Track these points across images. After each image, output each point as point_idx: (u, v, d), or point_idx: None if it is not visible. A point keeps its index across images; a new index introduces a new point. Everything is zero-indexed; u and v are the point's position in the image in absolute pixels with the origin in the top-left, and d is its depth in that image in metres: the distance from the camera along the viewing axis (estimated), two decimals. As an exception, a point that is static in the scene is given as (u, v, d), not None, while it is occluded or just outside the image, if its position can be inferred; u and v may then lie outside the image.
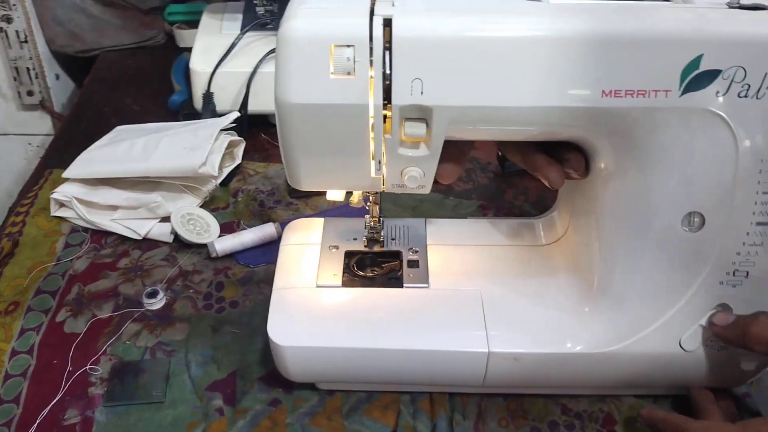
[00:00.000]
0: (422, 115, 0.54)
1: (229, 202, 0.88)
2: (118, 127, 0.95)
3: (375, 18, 0.52)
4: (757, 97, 0.52)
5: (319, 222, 0.71)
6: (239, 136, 0.92)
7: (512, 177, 0.91)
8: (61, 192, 0.83)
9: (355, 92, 0.52)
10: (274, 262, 0.67)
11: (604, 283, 0.59)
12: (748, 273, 0.56)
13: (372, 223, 0.67)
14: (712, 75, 0.51)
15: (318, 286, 0.64)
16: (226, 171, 0.90)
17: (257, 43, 1.00)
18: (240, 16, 1.08)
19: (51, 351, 0.68)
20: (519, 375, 0.60)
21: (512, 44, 0.51)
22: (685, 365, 0.59)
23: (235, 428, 0.62)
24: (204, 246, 0.79)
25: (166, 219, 0.81)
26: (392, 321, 0.61)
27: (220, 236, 0.81)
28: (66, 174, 0.85)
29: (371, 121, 0.53)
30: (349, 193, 0.64)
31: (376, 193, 0.64)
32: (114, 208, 0.82)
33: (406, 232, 0.70)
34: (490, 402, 0.64)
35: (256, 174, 0.92)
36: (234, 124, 0.92)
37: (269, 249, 0.79)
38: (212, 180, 0.86)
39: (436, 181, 0.58)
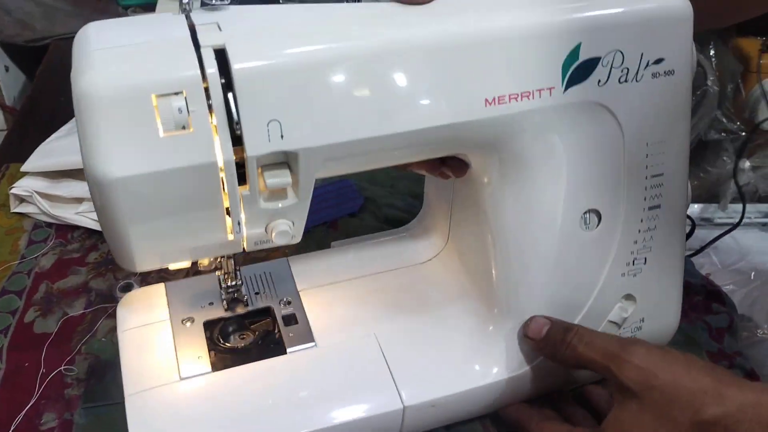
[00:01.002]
0: (284, 159, 0.44)
1: None
2: None
3: (203, 50, 0.40)
4: (636, 80, 0.48)
5: (159, 290, 0.58)
6: None
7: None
8: (21, 186, 0.78)
9: (197, 149, 0.40)
10: None
11: (505, 302, 0.54)
12: (646, 259, 0.54)
13: (229, 281, 0.56)
14: (591, 64, 0.47)
15: (183, 378, 0.51)
16: None
17: None
18: (197, 1, 0.97)
19: (21, 354, 0.63)
20: (438, 416, 0.54)
21: (376, 60, 0.43)
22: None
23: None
24: None
25: None
26: (287, 402, 0.50)
27: None
28: (24, 168, 0.80)
29: (222, 178, 0.42)
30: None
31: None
32: (79, 200, 0.77)
33: (269, 281, 0.59)
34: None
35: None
36: None
37: None
38: None
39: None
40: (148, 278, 0.69)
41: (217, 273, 0.56)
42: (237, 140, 0.41)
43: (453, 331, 0.55)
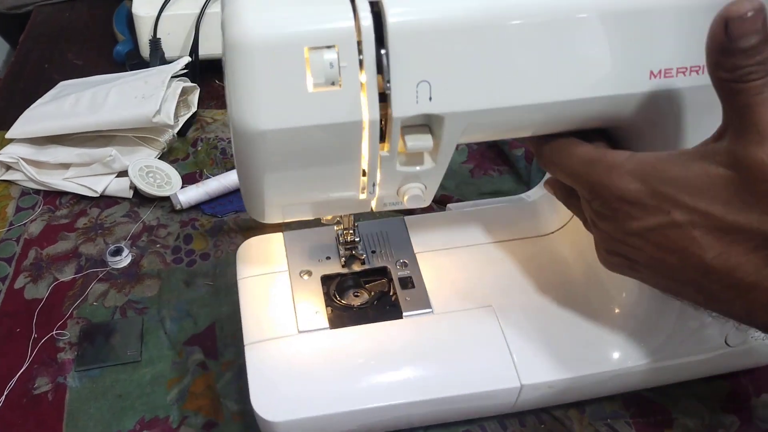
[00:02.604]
0: (426, 122, 0.42)
1: (189, 152, 0.83)
2: (62, 82, 0.90)
3: (358, 3, 0.38)
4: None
5: (278, 240, 0.58)
6: (192, 82, 0.86)
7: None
8: (6, 153, 0.78)
9: (344, 107, 0.39)
10: (243, 209, 0.63)
11: (630, 305, 0.51)
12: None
13: (348, 237, 0.55)
14: None
15: (301, 332, 0.51)
16: (182, 120, 0.84)
17: None
18: None
19: (12, 320, 0.64)
20: (553, 397, 0.52)
21: (537, 28, 0.39)
22: (728, 359, 0.53)
23: (223, 381, 0.58)
24: (167, 199, 0.75)
25: (123, 174, 0.76)
26: (403, 367, 0.50)
27: (182, 187, 0.76)
28: (9, 134, 0.79)
29: (365, 137, 0.41)
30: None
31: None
32: (66, 166, 0.77)
33: (386, 240, 0.58)
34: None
35: (214, 121, 0.87)
36: (185, 70, 0.85)
37: (236, 197, 0.75)
38: (168, 130, 0.80)
39: None
40: (138, 242, 0.70)
41: (336, 228, 0.56)
42: (383, 99, 0.39)
43: (575, 311, 0.53)
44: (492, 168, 0.79)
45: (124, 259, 0.68)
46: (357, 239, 0.55)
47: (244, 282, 0.55)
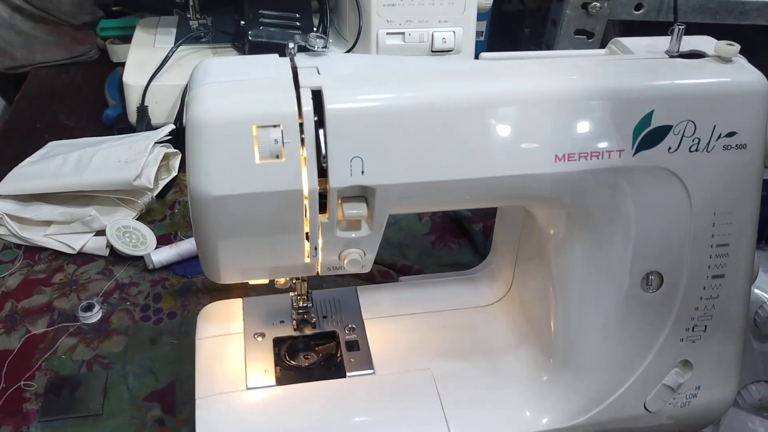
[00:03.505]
0: (362, 193, 0.48)
1: (166, 214, 0.87)
2: (51, 143, 0.93)
3: (302, 90, 0.45)
4: (707, 150, 0.50)
5: (237, 305, 0.62)
6: (175, 148, 0.90)
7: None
8: None
9: (286, 177, 0.45)
10: None
11: (563, 354, 0.55)
12: (706, 327, 0.54)
13: (300, 303, 0.60)
14: (663, 131, 0.49)
15: (249, 388, 0.55)
16: (162, 183, 0.88)
17: (191, 56, 1.01)
18: (174, 30, 1.09)
19: None
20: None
21: (456, 112, 0.46)
22: (648, 425, 0.57)
23: (179, 438, 0.59)
24: (141, 258, 0.78)
25: (101, 233, 0.80)
26: (341, 422, 0.53)
27: (156, 248, 0.79)
28: None
29: (306, 205, 0.46)
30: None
31: (305, 271, 0.57)
32: (47, 223, 0.81)
33: (337, 307, 0.63)
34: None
35: (192, 186, 0.91)
36: (169, 137, 0.90)
37: None
38: (148, 192, 0.84)
39: None
40: (109, 299, 0.74)
41: (291, 294, 0.60)
42: (322, 172, 0.46)
43: (507, 377, 0.57)
44: (452, 240, 0.84)
45: (95, 315, 0.71)
46: (309, 305, 0.60)
47: (202, 342, 0.59)
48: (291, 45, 0.50)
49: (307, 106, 0.44)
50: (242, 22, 1.00)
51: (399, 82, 0.47)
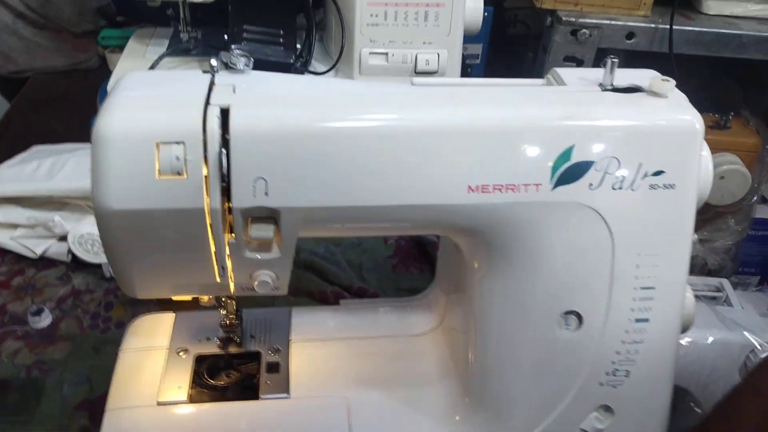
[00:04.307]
0: (269, 214, 0.47)
1: None
2: (35, 147, 0.95)
3: (210, 108, 0.44)
4: (631, 189, 0.48)
5: (168, 319, 0.62)
6: None
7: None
8: None
9: (187, 195, 0.44)
10: None
11: (478, 391, 0.54)
12: (628, 372, 0.52)
13: (227, 322, 0.59)
14: (584, 167, 0.47)
15: (159, 404, 0.55)
16: None
17: (180, 68, 1.00)
18: (166, 42, 1.09)
19: None
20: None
21: (366, 137, 0.45)
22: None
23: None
24: (100, 267, 0.80)
25: (65, 239, 0.80)
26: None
27: None
28: None
29: (208, 224, 0.46)
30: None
31: (229, 291, 0.57)
32: (14, 226, 0.83)
33: (267, 327, 0.62)
34: None
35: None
36: None
37: None
38: None
39: None
40: (63, 305, 0.74)
41: (222, 312, 0.60)
42: (226, 192, 0.45)
43: (422, 413, 0.56)
44: (414, 265, 0.83)
45: (44, 320, 0.72)
46: (236, 322, 0.59)
47: (124, 354, 0.59)
48: (214, 62, 0.49)
49: (213, 123, 0.44)
50: (226, 37, 1.01)
51: (311, 105, 0.46)
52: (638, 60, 1.05)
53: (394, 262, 0.84)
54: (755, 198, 1.06)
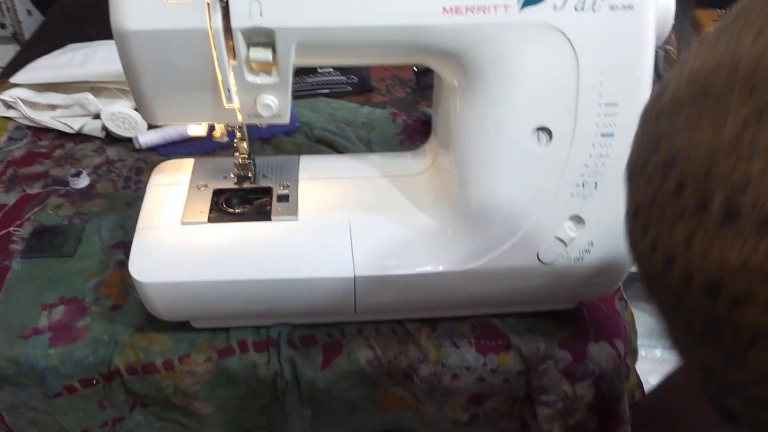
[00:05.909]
0: (268, 39, 0.53)
1: None
2: (69, 45, 1.02)
3: (208, -67, 0.51)
4: (593, 10, 0.53)
5: (189, 162, 0.70)
6: None
7: (426, 90, 0.99)
8: (8, 94, 0.93)
9: (193, 16, 0.51)
10: (192, 154, 0.79)
11: (462, 205, 0.60)
12: (596, 184, 0.58)
13: (240, 161, 0.66)
14: (548, -12, 0.52)
15: (183, 224, 0.62)
16: None
17: None
18: None
19: None
20: (388, 299, 0.61)
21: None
22: (545, 277, 0.61)
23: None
24: (131, 140, 0.88)
25: (100, 117, 0.89)
26: (259, 252, 0.60)
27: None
28: (13, 79, 0.94)
29: (212, 44, 0.52)
30: (212, 128, 0.63)
31: (240, 127, 0.64)
32: (54, 107, 0.92)
33: (278, 169, 0.69)
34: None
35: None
36: None
37: (188, 143, 0.88)
38: None
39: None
40: (98, 170, 0.84)
41: (235, 154, 0.67)
42: (226, 13, 0.51)
43: (415, 229, 0.62)
44: (420, 140, 0.89)
45: (82, 181, 0.82)
46: (248, 161, 0.66)
47: (151, 188, 0.67)
48: None
49: (211, -51, 0.50)
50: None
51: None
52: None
53: (401, 138, 0.90)
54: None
